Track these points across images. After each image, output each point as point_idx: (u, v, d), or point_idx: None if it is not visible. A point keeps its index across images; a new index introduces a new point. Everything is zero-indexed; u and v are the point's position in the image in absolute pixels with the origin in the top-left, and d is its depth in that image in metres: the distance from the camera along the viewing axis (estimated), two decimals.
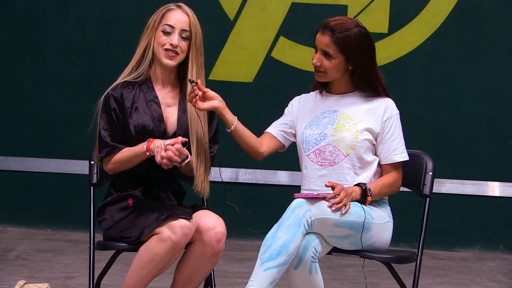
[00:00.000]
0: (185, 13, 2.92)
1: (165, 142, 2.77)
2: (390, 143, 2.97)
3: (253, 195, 5.24)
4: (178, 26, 2.89)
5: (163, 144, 2.76)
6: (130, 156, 2.86)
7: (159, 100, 2.93)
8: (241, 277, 4.21)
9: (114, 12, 5.26)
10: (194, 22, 2.92)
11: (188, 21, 2.91)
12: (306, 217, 2.71)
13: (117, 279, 3.94)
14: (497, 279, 4.54)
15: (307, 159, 2.99)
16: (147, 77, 2.95)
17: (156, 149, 2.77)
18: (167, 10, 2.92)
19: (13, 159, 5.29)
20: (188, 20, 2.91)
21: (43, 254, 4.60)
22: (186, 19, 2.91)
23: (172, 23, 2.89)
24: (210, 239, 2.80)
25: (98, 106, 2.92)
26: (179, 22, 2.90)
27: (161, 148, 2.75)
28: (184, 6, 2.94)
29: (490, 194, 5.23)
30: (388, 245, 2.97)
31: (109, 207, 2.94)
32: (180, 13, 2.92)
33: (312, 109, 3.05)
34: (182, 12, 2.92)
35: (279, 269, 2.68)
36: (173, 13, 2.91)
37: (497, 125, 5.23)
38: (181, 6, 2.94)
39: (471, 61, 5.23)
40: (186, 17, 2.91)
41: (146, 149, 2.81)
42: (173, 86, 2.98)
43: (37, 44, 5.27)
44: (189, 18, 2.91)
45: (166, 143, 2.76)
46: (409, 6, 5.22)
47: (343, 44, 2.90)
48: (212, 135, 2.97)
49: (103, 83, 5.09)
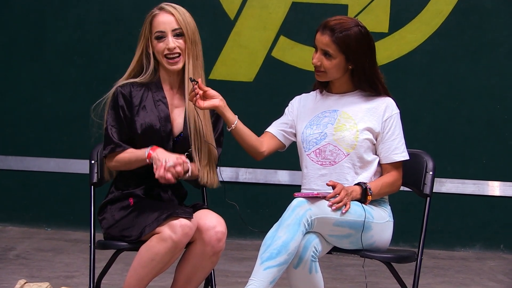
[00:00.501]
0: (169, 13, 2.91)
1: (168, 159, 2.76)
2: (391, 143, 2.96)
3: (253, 194, 5.24)
4: (167, 29, 2.90)
5: (165, 162, 2.76)
6: (131, 159, 2.87)
7: (167, 101, 2.94)
8: (241, 276, 4.21)
9: (114, 12, 5.25)
10: (181, 16, 2.90)
11: (174, 19, 2.90)
12: (306, 216, 2.71)
13: (118, 279, 3.94)
14: (497, 278, 4.54)
15: (308, 159, 2.99)
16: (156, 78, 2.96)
17: (157, 162, 2.77)
18: (152, 17, 2.92)
19: (13, 158, 5.29)
20: (174, 18, 2.90)
21: (43, 254, 4.60)
22: (171, 19, 2.90)
23: (162, 28, 2.90)
24: (211, 239, 2.80)
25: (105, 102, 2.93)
26: (167, 25, 2.90)
27: (162, 166, 2.75)
28: (166, 6, 2.93)
29: (490, 193, 5.23)
30: (388, 244, 2.97)
31: (110, 205, 2.94)
32: (164, 15, 2.91)
33: (312, 109, 3.05)
34: (166, 13, 2.91)
35: (279, 269, 2.68)
36: (158, 17, 2.91)
37: (497, 125, 5.23)
38: (163, 7, 2.93)
39: (471, 60, 5.23)
40: (171, 16, 2.90)
41: (147, 156, 2.82)
42: (181, 88, 2.98)
43: (37, 44, 5.27)
44: (174, 16, 2.90)
45: (169, 164, 2.75)
46: (409, 5, 5.22)
47: (343, 43, 2.90)
48: (216, 137, 2.97)
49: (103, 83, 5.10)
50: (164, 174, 2.75)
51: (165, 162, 2.75)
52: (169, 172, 2.75)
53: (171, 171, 2.75)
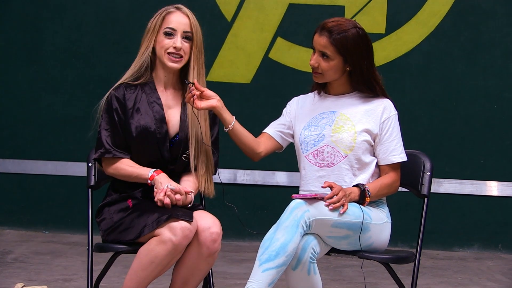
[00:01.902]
0: (185, 15, 2.92)
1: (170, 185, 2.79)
2: (389, 144, 2.97)
3: (251, 196, 5.24)
4: (179, 29, 2.90)
5: (166, 187, 2.78)
6: (132, 174, 2.89)
7: (162, 102, 2.94)
8: (240, 278, 4.20)
9: (110, 14, 5.25)
10: (195, 23, 2.92)
11: (189, 22, 2.91)
12: (305, 218, 2.71)
13: (116, 281, 3.93)
14: (495, 278, 4.55)
15: (306, 160, 2.99)
16: (149, 79, 2.96)
17: (159, 186, 2.80)
18: (167, 13, 2.92)
19: (11, 161, 5.29)
20: (188, 22, 2.91)
21: (41, 257, 4.59)
22: (187, 20, 2.91)
23: (174, 26, 2.90)
24: (206, 240, 2.79)
25: (100, 106, 2.93)
26: (180, 24, 2.90)
27: (162, 190, 2.78)
28: (183, 7, 2.94)
29: (488, 193, 5.24)
30: (386, 245, 2.97)
31: (108, 207, 2.93)
32: (181, 15, 2.92)
33: (310, 110, 3.05)
34: (182, 14, 2.92)
35: (277, 270, 2.68)
36: (174, 15, 2.92)
37: (494, 125, 5.24)
38: (180, 8, 2.94)
39: (468, 61, 5.24)
40: (187, 18, 2.91)
41: (149, 177, 2.84)
42: (175, 88, 2.98)
43: (34, 47, 5.27)
44: (189, 20, 2.91)
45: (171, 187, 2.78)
46: (406, 6, 5.22)
47: (341, 45, 2.90)
48: (212, 140, 2.97)
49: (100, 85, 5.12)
50: (163, 198, 2.77)
51: (167, 187, 2.78)
52: (168, 197, 2.77)
53: (171, 197, 2.78)
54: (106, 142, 2.90)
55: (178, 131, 2.93)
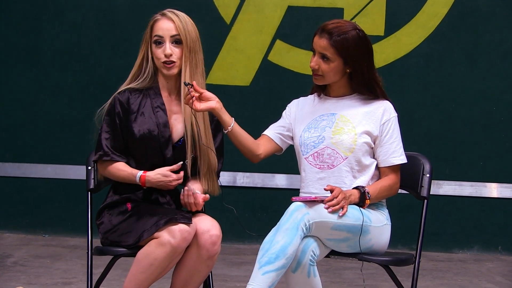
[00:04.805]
0: (170, 20, 2.92)
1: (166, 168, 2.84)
2: (389, 146, 2.96)
3: (251, 198, 5.24)
4: (166, 34, 2.90)
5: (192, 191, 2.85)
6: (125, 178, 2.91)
7: (166, 107, 2.95)
8: (240, 281, 4.20)
9: (109, 17, 5.25)
10: (181, 24, 2.91)
11: (174, 26, 2.91)
12: (304, 220, 2.71)
13: (116, 284, 3.93)
14: (495, 280, 4.54)
15: (306, 162, 2.99)
16: (154, 84, 2.96)
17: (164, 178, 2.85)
18: (154, 21, 2.95)
19: (10, 164, 5.29)
20: (174, 25, 2.91)
21: (41, 260, 4.59)
22: (171, 25, 2.91)
23: (161, 33, 2.91)
24: (205, 242, 2.79)
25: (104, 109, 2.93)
26: (166, 30, 2.90)
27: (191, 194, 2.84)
28: (167, 12, 2.94)
29: (488, 195, 5.23)
30: (386, 247, 2.97)
31: (107, 210, 2.94)
32: (165, 21, 2.92)
33: (310, 112, 3.05)
34: (167, 19, 2.92)
35: (277, 273, 2.68)
36: (159, 22, 2.92)
37: (494, 127, 5.24)
38: (165, 13, 2.94)
39: (467, 63, 5.24)
40: (171, 23, 2.91)
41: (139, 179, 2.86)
42: (179, 94, 2.98)
43: (34, 50, 5.27)
44: (174, 23, 2.91)
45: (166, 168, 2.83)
46: (405, 8, 5.22)
47: (341, 47, 2.90)
48: (216, 147, 2.97)
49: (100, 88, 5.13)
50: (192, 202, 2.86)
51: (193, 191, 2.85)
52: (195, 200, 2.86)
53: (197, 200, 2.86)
54: (106, 145, 2.91)
55: (182, 135, 2.94)
